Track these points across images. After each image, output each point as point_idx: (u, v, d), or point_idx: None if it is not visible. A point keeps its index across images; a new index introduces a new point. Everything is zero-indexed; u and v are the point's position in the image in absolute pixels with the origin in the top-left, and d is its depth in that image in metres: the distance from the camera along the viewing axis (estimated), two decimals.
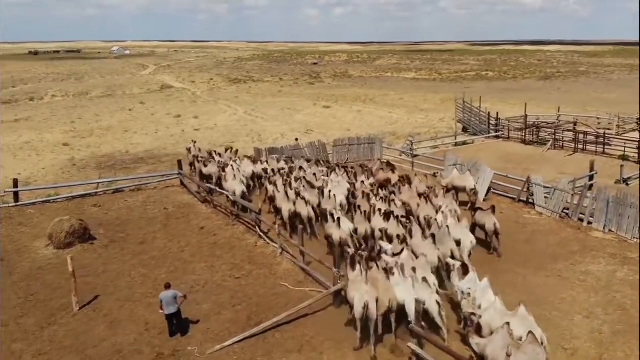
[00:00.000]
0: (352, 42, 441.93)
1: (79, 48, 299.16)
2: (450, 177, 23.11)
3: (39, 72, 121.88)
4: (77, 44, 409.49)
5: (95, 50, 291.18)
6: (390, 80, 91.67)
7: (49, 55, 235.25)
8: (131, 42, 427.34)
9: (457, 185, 22.53)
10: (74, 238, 19.50)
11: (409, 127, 45.16)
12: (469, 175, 22.80)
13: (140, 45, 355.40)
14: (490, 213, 18.12)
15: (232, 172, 23.32)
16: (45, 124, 51.04)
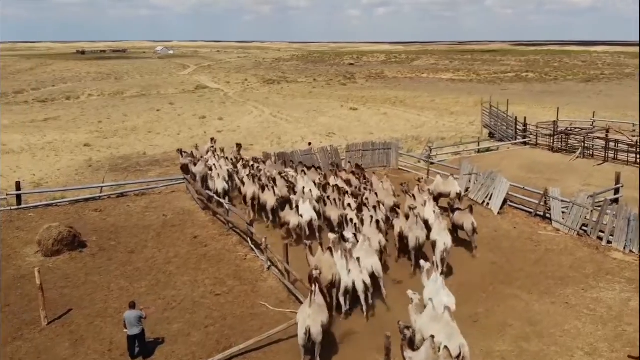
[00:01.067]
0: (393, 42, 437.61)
1: (126, 48, 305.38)
2: (435, 183, 22.30)
3: (81, 72, 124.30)
4: (126, 43, 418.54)
5: (141, 50, 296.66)
6: (425, 81, 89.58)
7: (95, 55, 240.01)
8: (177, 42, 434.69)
9: (441, 191, 21.84)
10: (62, 246, 19.01)
11: (435, 132, 43.51)
12: (453, 180, 21.98)
13: (185, 45, 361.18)
14: (468, 213, 18.27)
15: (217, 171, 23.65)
16: (73, 123, 51.60)
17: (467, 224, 17.96)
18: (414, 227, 16.84)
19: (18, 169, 32.94)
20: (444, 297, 12.32)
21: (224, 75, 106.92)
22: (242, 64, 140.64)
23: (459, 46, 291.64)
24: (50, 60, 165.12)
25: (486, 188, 23.54)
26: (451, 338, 10.67)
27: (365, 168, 29.50)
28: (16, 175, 31.38)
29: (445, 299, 12.19)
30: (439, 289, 12.68)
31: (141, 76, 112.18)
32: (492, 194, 23.07)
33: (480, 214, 22.17)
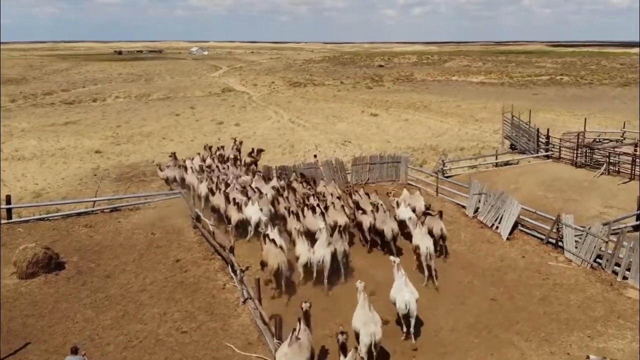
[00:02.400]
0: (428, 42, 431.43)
1: (162, 48, 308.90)
2: (401, 196, 22.03)
3: (114, 73, 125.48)
4: (163, 43, 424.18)
5: (177, 50, 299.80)
6: (454, 84, 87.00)
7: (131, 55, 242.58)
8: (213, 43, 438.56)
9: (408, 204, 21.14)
10: (37, 268, 18.20)
11: (455, 140, 41.57)
12: (419, 195, 21.99)
13: (221, 46, 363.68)
14: (438, 218, 18.73)
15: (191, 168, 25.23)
16: (92, 127, 51.45)
17: (437, 229, 18.35)
18: (388, 220, 18.92)
19: (23, 177, 32.57)
20: (406, 294, 13.69)
21: (252, 77, 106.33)
22: (273, 66, 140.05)
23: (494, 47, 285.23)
24: (86, 60, 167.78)
25: (496, 210, 21.80)
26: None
27: (373, 182, 28.18)
28: (19, 184, 31.06)
29: (407, 296, 13.66)
30: (402, 286, 13.88)
31: (171, 77, 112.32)
32: (502, 217, 21.31)
33: (487, 240, 20.59)
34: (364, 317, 12.43)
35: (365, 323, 12.32)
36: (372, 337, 12.12)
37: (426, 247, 16.79)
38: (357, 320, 12.53)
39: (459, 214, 23.57)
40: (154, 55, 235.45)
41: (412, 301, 13.60)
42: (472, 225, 22.07)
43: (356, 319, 12.63)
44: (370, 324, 12.31)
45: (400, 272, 14.19)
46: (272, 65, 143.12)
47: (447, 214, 23.40)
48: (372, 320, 12.39)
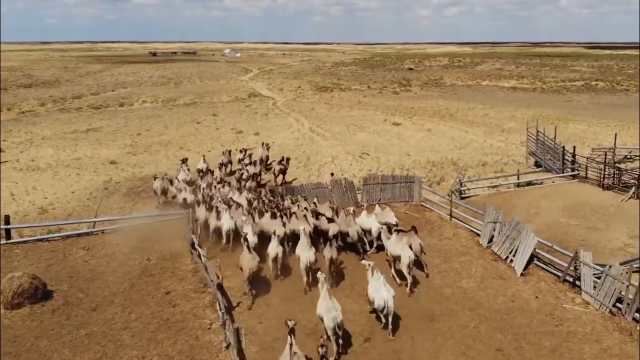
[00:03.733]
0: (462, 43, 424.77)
1: (196, 49, 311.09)
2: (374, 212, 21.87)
3: (145, 75, 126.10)
4: (198, 44, 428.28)
5: (210, 51, 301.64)
6: (483, 89, 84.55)
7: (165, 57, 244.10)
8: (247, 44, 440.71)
9: (378, 221, 21.07)
10: (23, 298, 17.61)
11: (479, 154, 39.85)
12: (389, 211, 21.93)
13: (254, 47, 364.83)
14: (413, 234, 19.21)
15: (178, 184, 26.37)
16: (112, 135, 51.36)
17: (415, 246, 18.76)
18: (352, 224, 20.51)
19: (33, 190, 32.32)
20: (384, 293, 15.30)
21: (279, 81, 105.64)
22: (302, 69, 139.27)
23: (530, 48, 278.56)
24: (120, 62, 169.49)
25: (511, 241, 20.31)
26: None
27: (385, 203, 26.86)
28: (28, 199, 30.81)
29: (385, 294, 15.27)
30: (381, 286, 15.48)
31: (201, 81, 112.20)
32: (517, 249, 19.81)
33: (500, 275, 19.15)
34: (326, 305, 14.44)
35: (327, 310, 14.36)
36: (335, 321, 14.29)
37: (408, 257, 17.79)
38: (321, 308, 14.58)
39: (473, 242, 22.13)
40: (187, 57, 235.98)
41: (390, 299, 15.25)
42: (485, 257, 20.63)
43: (320, 307, 14.63)
44: (331, 310, 14.36)
45: (377, 273, 15.80)
46: (301, 68, 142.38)
47: (459, 243, 22.14)
48: (333, 307, 14.44)
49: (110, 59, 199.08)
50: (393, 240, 18.48)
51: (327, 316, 14.27)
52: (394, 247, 18.31)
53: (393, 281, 18.21)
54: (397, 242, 18.27)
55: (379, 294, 15.35)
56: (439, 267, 19.87)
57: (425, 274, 19.15)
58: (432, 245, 21.88)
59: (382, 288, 15.42)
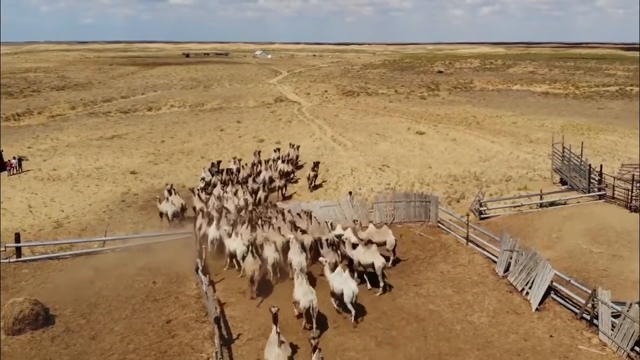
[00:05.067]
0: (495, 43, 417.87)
1: (228, 50, 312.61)
2: (367, 231, 21.88)
3: (176, 78, 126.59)
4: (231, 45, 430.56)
5: (243, 52, 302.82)
6: (514, 95, 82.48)
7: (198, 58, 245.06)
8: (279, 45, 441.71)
9: (375, 241, 20.60)
10: (23, 324, 17.43)
11: (504, 167, 38.63)
12: (387, 229, 21.95)
13: (285, 48, 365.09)
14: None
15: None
16: (136, 142, 51.68)
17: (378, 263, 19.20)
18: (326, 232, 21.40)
19: (51, 202, 32.59)
20: (351, 284, 17.23)
21: (307, 85, 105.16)
22: (331, 71, 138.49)
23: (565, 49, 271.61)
24: (153, 64, 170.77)
25: (527, 272, 19.31)
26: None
27: (399, 223, 26.14)
28: (45, 211, 31.06)
29: (352, 286, 17.18)
30: (347, 279, 17.25)
31: (230, 84, 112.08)
32: (534, 281, 18.82)
33: (514, 310, 18.22)
34: (302, 290, 16.56)
35: (304, 294, 16.48)
36: (310, 303, 16.34)
37: (382, 262, 19.04)
38: (298, 293, 16.66)
39: (489, 270, 21.18)
40: (220, 59, 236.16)
41: (356, 289, 17.22)
42: (500, 288, 19.68)
43: (297, 293, 16.72)
44: (308, 294, 16.47)
45: (339, 269, 17.59)
46: (330, 70, 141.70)
47: (474, 271, 21.23)
48: (309, 291, 16.61)
49: (144, 60, 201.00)
50: (361, 250, 19.34)
51: (304, 299, 16.34)
52: (364, 256, 19.20)
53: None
54: (366, 251, 19.18)
55: (346, 285, 17.04)
56: (451, 298, 19.01)
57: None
58: (445, 273, 21.03)
59: (348, 280, 17.20)
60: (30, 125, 64.83)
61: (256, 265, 19.14)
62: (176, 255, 23.11)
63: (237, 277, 20.89)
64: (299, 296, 16.59)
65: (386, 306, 18.57)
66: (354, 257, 19.58)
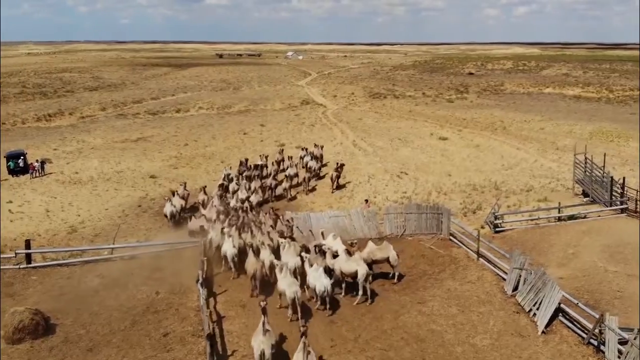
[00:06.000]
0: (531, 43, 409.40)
1: (261, 51, 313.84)
2: (368, 249, 21.21)
3: (206, 79, 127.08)
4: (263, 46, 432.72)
5: (275, 53, 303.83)
6: (544, 98, 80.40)
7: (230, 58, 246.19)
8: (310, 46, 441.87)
9: (377, 258, 21.09)
10: (23, 334, 17.69)
11: (526, 176, 37.57)
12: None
13: (317, 49, 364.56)
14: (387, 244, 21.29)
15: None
16: (159, 146, 52.08)
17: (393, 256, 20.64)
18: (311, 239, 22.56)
19: (69, 206, 32.95)
20: (324, 280, 18.57)
21: (334, 87, 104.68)
22: (360, 73, 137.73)
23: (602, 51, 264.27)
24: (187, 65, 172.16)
25: (535, 292, 18.59)
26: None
27: (410, 236, 25.60)
28: (61, 216, 31.40)
29: (325, 281, 18.54)
30: (321, 275, 18.70)
31: (259, 86, 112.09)
32: (542, 303, 18.10)
33: (519, 332, 17.59)
34: (287, 282, 18.16)
35: (289, 285, 18.02)
36: (295, 294, 17.86)
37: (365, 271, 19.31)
38: (283, 284, 18.25)
39: (497, 289, 20.50)
40: (252, 60, 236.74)
41: (329, 285, 18.58)
42: (507, 308, 19.01)
43: (282, 284, 18.31)
44: (292, 285, 18.05)
45: (315, 265, 19.03)
46: (359, 72, 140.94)
47: (482, 289, 20.63)
48: (294, 283, 18.29)
49: (178, 60, 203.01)
50: (343, 259, 19.78)
51: (289, 290, 17.89)
52: (347, 264, 19.54)
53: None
54: (349, 259, 19.63)
55: (319, 281, 18.51)
56: (455, 318, 18.45)
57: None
58: (452, 290, 20.45)
59: (322, 276, 18.64)
60: (60, 127, 66.11)
61: (258, 264, 20.05)
62: (183, 264, 23.05)
63: (240, 290, 20.77)
64: (284, 287, 18.07)
65: (387, 324, 18.16)
66: (334, 266, 19.78)
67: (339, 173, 35.78)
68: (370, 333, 17.64)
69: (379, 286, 20.78)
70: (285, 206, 32.47)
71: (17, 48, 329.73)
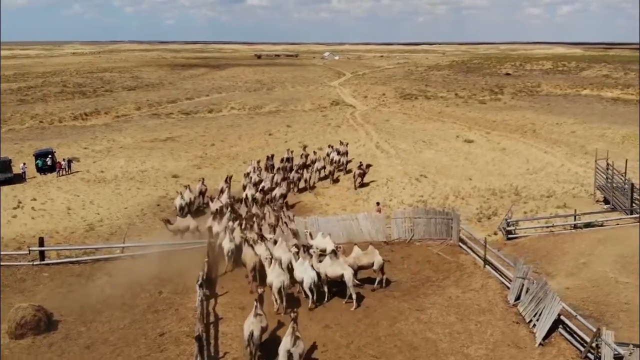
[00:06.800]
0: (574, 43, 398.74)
1: (299, 51, 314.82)
2: (353, 255, 20.86)
3: (242, 80, 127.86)
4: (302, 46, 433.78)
5: (312, 53, 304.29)
6: (580, 100, 77.99)
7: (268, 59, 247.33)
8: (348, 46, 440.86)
9: (363, 263, 20.73)
10: (25, 329, 18.30)
11: (550, 181, 36.58)
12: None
13: (354, 49, 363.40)
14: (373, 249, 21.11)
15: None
16: (187, 145, 52.86)
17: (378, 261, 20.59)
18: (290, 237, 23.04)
19: (90, 205, 33.81)
20: (311, 273, 19.21)
21: (366, 87, 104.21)
22: (394, 73, 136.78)
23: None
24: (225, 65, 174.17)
25: (537, 303, 18.09)
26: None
27: (419, 241, 25.30)
28: (81, 214, 32.26)
29: (312, 274, 19.19)
30: (307, 268, 19.31)
31: (292, 87, 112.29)
32: (542, 313, 17.59)
33: (516, 343, 17.19)
34: (276, 272, 19.00)
35: (277, 275, 18.89)
36: (282, 283, 18.81)
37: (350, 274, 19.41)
38: (272, 275, 19.05)
39: (500, 297, 20.03)
40: (289, 60, 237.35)
41: (316, 277, 19.16)
42: (507, 318, 18.55)
43: (271, 275, 19.10)
44: (280, 275, 18.90)
45: (301, 259, 19.63)
46: (393, 72, 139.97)
47: (485, 297, 20.22)
48: (282, 273, 19.04)
49: (217, 61, 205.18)
50: (328, 262, 19.77)
51: (277, 280, 18.78)
52: (332, 268, 19.61)
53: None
54: (334, 262, 19.63)
55: (307, 274, 19.17)
56: (452, 327, 18.11)
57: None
58: (453, 298, 20.09)
59: (308, 269, 19.19)
60: (94, 126, 67.83)
61: (256, 258, 20.81)
62: (190, 264, 23.31)
63: (241, 292, 20.91)
64: (272, 278, 18.97)
65: (382, 331, 17.98)
66: (320, 270, 19.74)
67: (364, 172, 36.44)
68: (363, 339, 17.50)
69: (380, 292, 20.60)
70: (299, 208, 32.66)
71: (63, 48, 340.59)
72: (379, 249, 24.54)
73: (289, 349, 14.73)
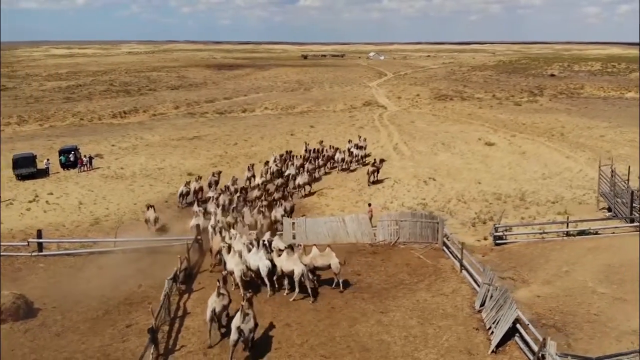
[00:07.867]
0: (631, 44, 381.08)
1: (346, 52, 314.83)
2: (311, 255, 21.02)
3: (282, 80, 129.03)
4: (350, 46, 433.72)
5: (359, 54, 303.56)
6: (620, 103, 75.05)
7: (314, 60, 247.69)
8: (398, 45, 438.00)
9: (319, 264, 20.93)
10: (6, 316, 19.31)
11: (562, 186, 35.60)
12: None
13: (401, 49, 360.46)
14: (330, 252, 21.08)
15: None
16: (211, 144, 54.11)
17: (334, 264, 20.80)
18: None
19: (102, 200, 35.22)
20: (266, 261, 20.39)
21: (402, 88, 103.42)
22: (435, 73, 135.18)
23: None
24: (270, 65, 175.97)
25: (497, 310, 17.82)
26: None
27: (403, 244, 25.22)
28: (91, 208, 33.65)
29: (267, 262, 20.36)
30: (261, 257, 20.55)
31: (330, 87, 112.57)
32: (500, 321, 17.34)
33: (468, 350, 17.10)
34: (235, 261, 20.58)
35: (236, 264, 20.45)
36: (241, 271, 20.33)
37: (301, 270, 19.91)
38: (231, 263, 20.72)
39: (467, 303, 19.79)
40: (334, 61, 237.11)
41: (270, 265, 20.33)
42: (468, 324, 18.33)
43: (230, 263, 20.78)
44: (239, 264, 20.41)
45: (255, 249, 21.00)
46: (435, 72, 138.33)
47: (453, 302, 20.05)
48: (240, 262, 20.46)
49: (265, 61, 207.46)
50: (284, 257, 20.33)
51: (237, 268, 20.21)
52: (286, 263, 20.17)
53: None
54: (289, 258, 20.16)
55: (262, 262, 20.34)
56: (411, 330, 18.05)
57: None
58: (421, 302, 19.99)
59: (263, 257, 20.42)
60: (129, 124, 70.22)
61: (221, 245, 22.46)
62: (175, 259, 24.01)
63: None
64: (232, 266, 20.44)
65: (340, 332, 18.10)
66: (277, 263, 20.52)
67: (377, 168, 37.47)
68: (319, 339, 17.68)
69: (349, 293, 20.70)
70: (299, 207, 32.98)
71: (120, 47, 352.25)
72: (362, 251, 24.95)
73: (239, 325, 15.95)
